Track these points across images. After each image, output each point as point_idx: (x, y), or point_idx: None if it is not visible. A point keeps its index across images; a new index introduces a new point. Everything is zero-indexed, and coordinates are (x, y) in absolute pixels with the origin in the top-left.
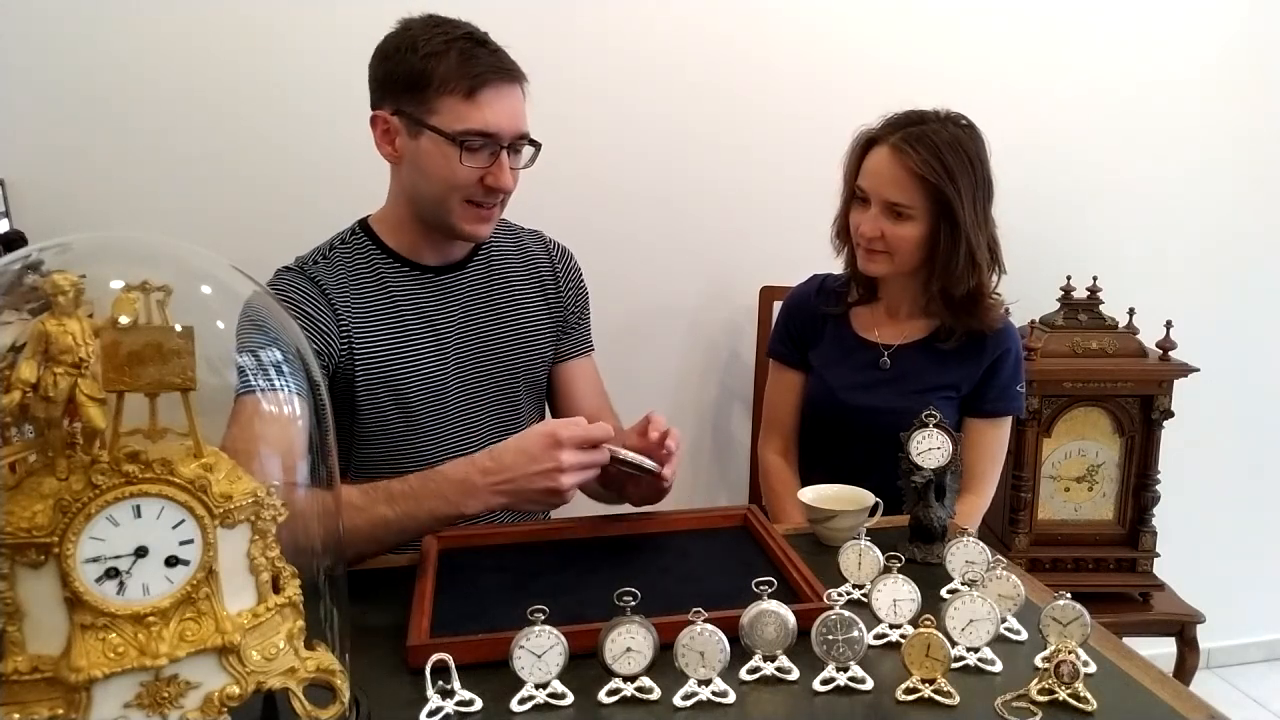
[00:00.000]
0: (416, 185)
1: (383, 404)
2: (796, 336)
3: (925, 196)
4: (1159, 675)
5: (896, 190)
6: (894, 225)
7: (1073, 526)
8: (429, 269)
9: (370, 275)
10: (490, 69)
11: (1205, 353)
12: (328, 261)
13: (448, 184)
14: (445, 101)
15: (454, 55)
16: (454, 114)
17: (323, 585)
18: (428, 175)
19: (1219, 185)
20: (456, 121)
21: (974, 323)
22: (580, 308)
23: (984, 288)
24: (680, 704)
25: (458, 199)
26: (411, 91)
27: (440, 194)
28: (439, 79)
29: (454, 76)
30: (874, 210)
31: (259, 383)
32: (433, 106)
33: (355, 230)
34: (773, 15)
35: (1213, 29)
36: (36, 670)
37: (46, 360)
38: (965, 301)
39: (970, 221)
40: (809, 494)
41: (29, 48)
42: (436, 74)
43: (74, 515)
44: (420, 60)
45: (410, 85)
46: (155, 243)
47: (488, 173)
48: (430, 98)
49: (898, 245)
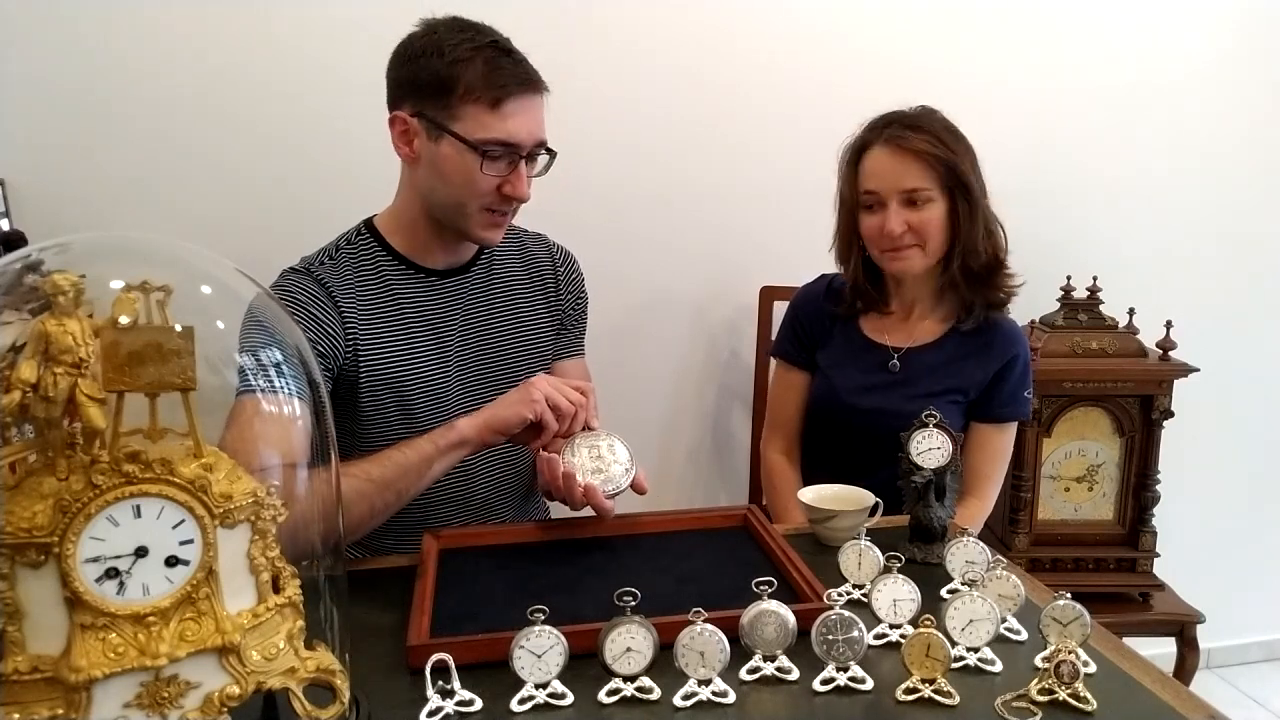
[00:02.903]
0: (433, 187)
1: (385, 406)
2: (804, 337)
3: (937, 174)
4: (1159, 675)
5: (909, 177)
6: (917, 213)
7: (1073, 526)
8: (433, 272)
9: (375, 278)
10: (516, 80)
11: (1205, 353)
12: (334, 263)
13: (466, 190)
14: (469, 109)
15: (480, 63)
16: (477, 122)
17: (323, 585)
18: (446, 179)
19: (1219, 185)
20: (479, 130)
21: (993, 294)
22: (578, 312)
23: (1000, 254)
24: (680, 704)
25: (475, 205)
26: (435, 96)
27: (457, 199)
28: (464, 86)
29: (480, 85)
30: (892, 207)
31: (259, 383)
32: (456, 112)
33: (361, 231)
34: (773, 15)
35: (1213, 29)
36: (36, 670)
37: (46, 360)
38: (984, 273)
39: (979, 190)
40: (809, 494)
41: (29, 48)
42: (462, 81)
43: (74, 515)
44: (446, 66)
45: (435, 90)
46: (155, 243)
47: (505, 181)
48: (454, 104)
49: (926, 231)
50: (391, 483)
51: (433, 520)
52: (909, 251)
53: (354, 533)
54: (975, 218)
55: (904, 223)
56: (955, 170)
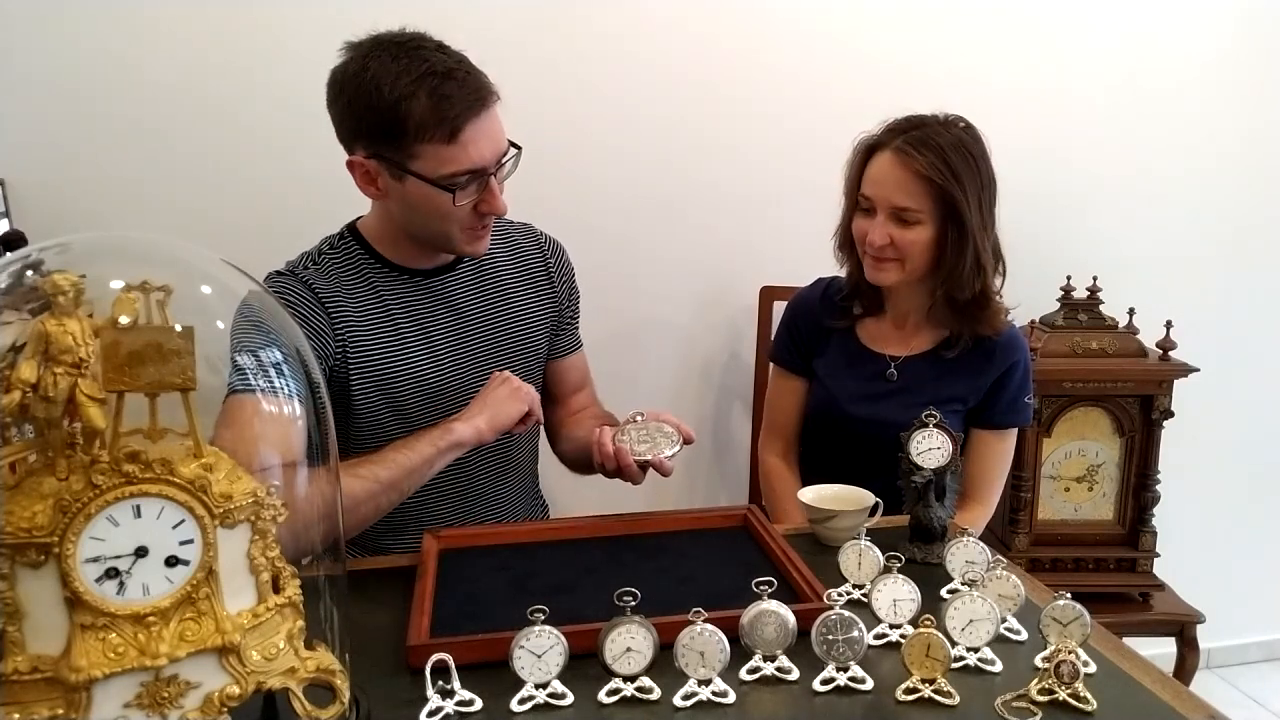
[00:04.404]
0: (409, 219)
1: (377, 406)
2: (800, 344)
3: (932, 200)
4: (1159, 675)
5: (903, 195)
6: (902, 231)
7: (1073, 526)
8: (419, 272)
9: (361, 280)
10: (465, 105)
11: (1205, 353)
12: (318, 267)
13: (444, 220)
14: (425, 148)
15: (424, 97)
16: (437, 159)
17: (323, 585)
18: (419, 212)
19: (1219, 185)
20: (441, 166)
21: (980, 328)
22: (573, 304)
23: (989, 291)
24: (680, 704)
25: (457, 229)
26: (387, 138)
27: (440, 228)
28: (415, 125)
29: (431, 122)
30: (880, 218)
31: (259, 383)
32: (413, 152)
33: (344, 235)
34: (772, 15)
35: (1213, 29)
36: (36, 670)
37: (46, 360)
38: (971, 306)
39: (976, 224)
40: (809, 494)
41: (29, 48)
42: (411, 120)
43: (74, 515)
44: (390, 106)
45: (385, 132)
46: (155, 243)
47: (480, 201)
48: (409, 144)
49: (907, 251)
50: (397, 483)
51: (431, 517)
52: (888, 264)
53: (355, 531)
54: (963, 251)
55: (888, 236)
56: (949, 198)
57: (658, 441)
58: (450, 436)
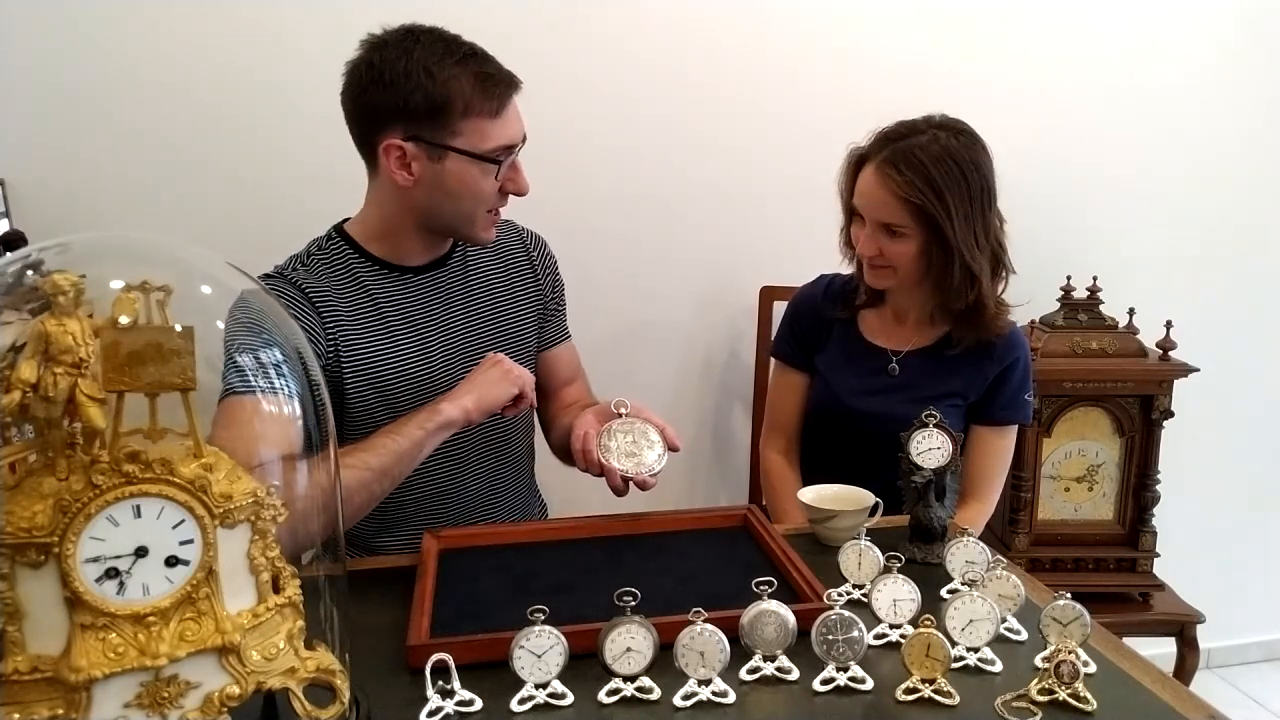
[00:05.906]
0: (438, 204)
1: (371, 405)
2: (802, 339)
3: (913, 217)
4: (1159, 675)
5: (886, 211)
6: (890, 243)
7: (1073, 526)
8: (407, 270)
9: (350, 279)
10: (506, 83)
11: (1205, 353)
12: (307, 269)
13: (476, 199)
14: (472, 124)
15: (470, 77)
16: (481, 135)
17: (323, 585)
18: (454, 194)
19: (1219, 185)
20: (485, 141)
21: (981, 332)
22: (558, 295)
23: (984, 300)
24: (680, 704)
25: (483, 210)
26: (431, 117)
27: (468, 210)
28: (463, 103)
29: (479, 99)
30: (868, 230)
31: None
32: (456, 130)
33: (331, 236)
34: (772, 15)
35: (1213, 29)
36: (36, 670)
37: (46, 360)
38: (968, 313)
39: (962, 237)
40: (809, 494)
41: (29, 48)
42: (460, 98)
43: (74, 515)
44: (439, 86)
45: (429, 112)
46: (155, 243)
47: (509, 179)
48: (454, 122)
49: (896, 261)
50: (388, 470)
51: (427, 513)
52: (883, 271)
53: (351, 522)
54: (949, 263)
55: (877, 247)
56: (933, 219)
57: (643, 453)
58: (438, 418)
